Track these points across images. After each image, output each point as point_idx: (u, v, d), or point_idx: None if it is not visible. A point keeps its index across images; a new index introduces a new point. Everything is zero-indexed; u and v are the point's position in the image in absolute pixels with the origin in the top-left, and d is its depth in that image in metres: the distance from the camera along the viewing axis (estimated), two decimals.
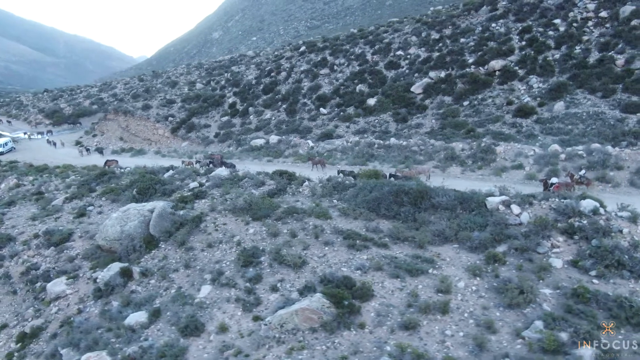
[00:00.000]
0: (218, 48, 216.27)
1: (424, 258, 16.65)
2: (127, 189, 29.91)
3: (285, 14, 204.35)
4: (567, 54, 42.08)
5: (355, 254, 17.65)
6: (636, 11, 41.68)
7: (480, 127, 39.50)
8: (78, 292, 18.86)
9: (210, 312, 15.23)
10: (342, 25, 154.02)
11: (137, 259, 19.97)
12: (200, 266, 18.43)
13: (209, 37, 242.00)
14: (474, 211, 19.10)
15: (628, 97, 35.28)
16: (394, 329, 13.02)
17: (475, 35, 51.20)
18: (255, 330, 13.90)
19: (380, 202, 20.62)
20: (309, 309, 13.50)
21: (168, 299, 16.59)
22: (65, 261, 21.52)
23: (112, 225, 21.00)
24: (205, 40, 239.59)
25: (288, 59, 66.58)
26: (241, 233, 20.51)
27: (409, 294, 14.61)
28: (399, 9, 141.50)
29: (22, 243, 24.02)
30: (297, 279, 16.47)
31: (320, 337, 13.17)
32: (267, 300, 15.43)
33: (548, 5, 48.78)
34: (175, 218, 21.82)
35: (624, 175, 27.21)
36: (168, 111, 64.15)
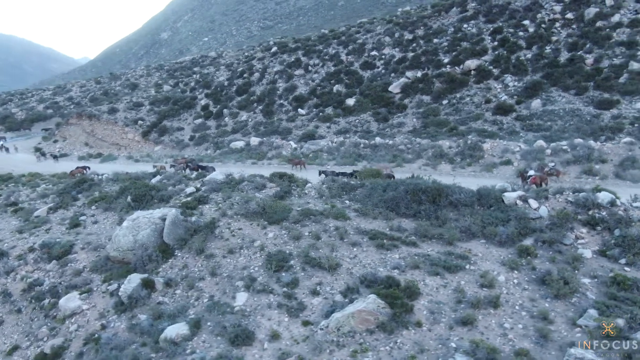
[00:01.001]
0: (167, 49, 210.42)
1: (457, 254, 16.99)
2: (118, 196, 28.61)
3: (237, 15, 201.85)
4: (539, 53, 44.16)
5: (386, 254, 17.75)
6: (600, 13, 44.31)
7: (462, 125, 40.74)
8: (96, 307, 17.86)
9: (254, 319, 14.86)
10: (295, 26, 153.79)
11: (155, 269, 19.13)
12: (227, 273, 17.92)
13: (157, 38, 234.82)
14: (492, 207, 19.68)
15: (600, 94, 37.48)
16: (452, 326, 13.22)
17: (448, 35, 52.72)
18: (310, 335, 13.71)
19: (398, 201, 20.81)
20: (365, 311, 13.46)
21: (202, 309, 16.03)
22: (72, 275, 20.30)
23: (124, 235, 20.03)
24: (154, 41, 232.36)
25: (260, 60, 65.87)
26: (261, 237, 20.13)
27: (455, 290, 14.88)
28: (351, 9, 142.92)
29: (16, 258, 22.42)
30: (335, 281, 16.37)
31: (379, 338, 13.17)
32: (311, 304, 15.24)
33: (516, 7, 50.95)
34: (188, 225, 21.16)
35: (609, 168, 28.93)
36: (136, 114, 61.84)
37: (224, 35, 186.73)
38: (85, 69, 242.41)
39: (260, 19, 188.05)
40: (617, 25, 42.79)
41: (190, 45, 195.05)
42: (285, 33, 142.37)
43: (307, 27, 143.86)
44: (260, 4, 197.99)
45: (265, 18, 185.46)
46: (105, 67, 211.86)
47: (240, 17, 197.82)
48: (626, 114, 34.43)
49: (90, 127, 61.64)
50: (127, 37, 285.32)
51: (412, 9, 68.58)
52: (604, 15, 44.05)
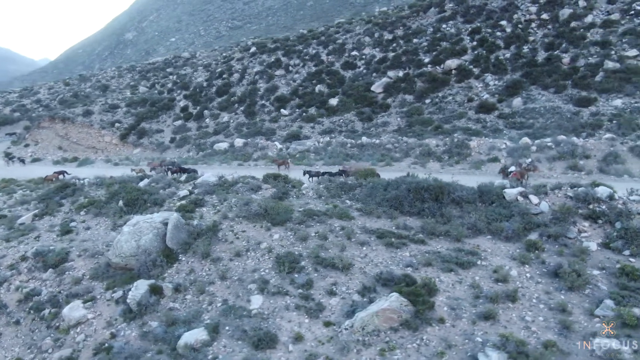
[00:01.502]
0: (133, 50, 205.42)
1: (467, 251, 17.33)
2: (109, 201, 27.83)
3: (204, 15, 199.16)
4: (517, 53, 45.44)
5: (396, 252, 17.93)
6: (573, 14, 45.96)
7: (446, 124, 41.50)
8: (102, 316, 17.32)
9: (273, 322, 14.74)
10: (265, 26, 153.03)
11: (160, 274, 18.72)
12: (238, 276, 17.70)
13: (121, 38, 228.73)
14: (494, 203, 20.15)
15: (578, 92, 38.87)
16: (475, 321, 13.47)
17: (428, 35, 53.59)
18: (333, 335, 13.71)
19: (402, 199, 21.05)
20: (389, 309, 13.55)
21: (217, 314, 15.78)
22: (71, 284, 19.61)
23: (127, 240, 19.49)
24: (118, 42, 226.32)
25: (239, 60, 65.24)
26: (266, 239, 19.99)
27: (471, 286, 15.17)
28: (320, 9, 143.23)
29: (8, 267, 21.50)
30: (350, 281, 16.42)
31: (404, 335, 13.29)
32: (329, 305, 15.24)
33: (492, 7, 52.24)
34: (190, 229, 20.83)
35: (593, 164, 30.04)
36: (113, 117, 60.21)
37: (191, 36, 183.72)
38: (46, 71, 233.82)
39: (228, 19, 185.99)
40: (591, 25, 44.53)
41: (157, 45, 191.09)
42: (254, 33, 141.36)
43: (276, 27, 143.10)
44: (228, 3, 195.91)
45: (233, 18, 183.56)
46: (67, 69, 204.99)
47: (208, 17, 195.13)
48: (604, 111, 35.84)
49: (64, 131, 59.63)
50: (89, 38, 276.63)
51: (390, 9, 69.35)
52: (578, 15, 45.77)
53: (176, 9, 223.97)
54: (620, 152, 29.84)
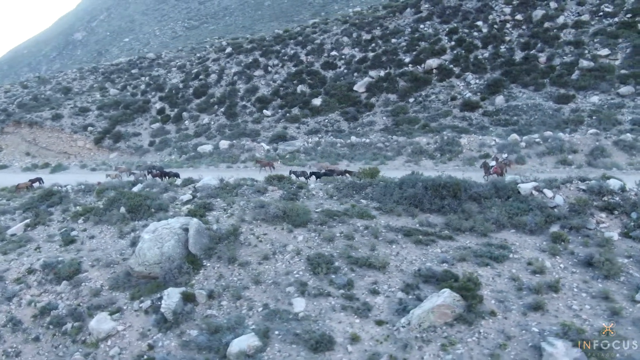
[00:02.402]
0: (83, 50, 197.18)
1: (497, 245, 17.86)
2: (108, 208, 26.74)
3: (158, 14, 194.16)
4: (495, 52, 47.06)
5: (427, 249, 18.26)
6: (546, 15, 48.06)
7: (432, 122, 42.45)
8: (132, 327, 16.69)
9: (323, 324, 14.68)
10: (223, 26, 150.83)
11: (188, 281, 18.24)
12: (272, 280, 17.50)
13: (70, 39, 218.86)
14: (510, 198, 20.85)
15: (557, 90, 40.72)
16: (525, 312, 13.93)
17: (406, 36, 54.56)
18: (390, 334, 13.84)
19: (421, 197, 21.41)
20: (444, 305, 13.81)
21: (260, 319, 15.56)
22: (90, 295, 18.77)
23: (150, 248, 18.84)
24: (67, 42, 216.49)
25: (215, 61, 64.09)
26: (291, 241, 19.89)
27: (510, 279, 15.67)
28: (278, 9, 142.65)
29: (15, 281, 20.31)
30: (389, 279, 16.59)
31: (461, 330, 13.58)
32: (376, 304, 15.33)
33: (468, 8, 53.84)
34: (211, 233, 20.43)
35: (581, 158, 31.56)
36: (84, 120, 57.73)
37: (146, 36, 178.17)
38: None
39: (184, 18, 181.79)
40: (563, 26, 46.73)
41: (110, 46, 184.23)
42: (213, 33, 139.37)
43: (235, 27, 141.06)
44: (183, 3, 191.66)
45: (189, 18, 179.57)
46: (12, 70, 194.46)
47: (162, 17, 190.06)
48: (583, 107, 37.74)
49: (32, 136, 56.65)
50: (35, 38, 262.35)
51: (364, 9, 70.09)
52: (550, 16, 47.92)
53: (128, 8, 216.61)
54: (605, 146, 31.50)
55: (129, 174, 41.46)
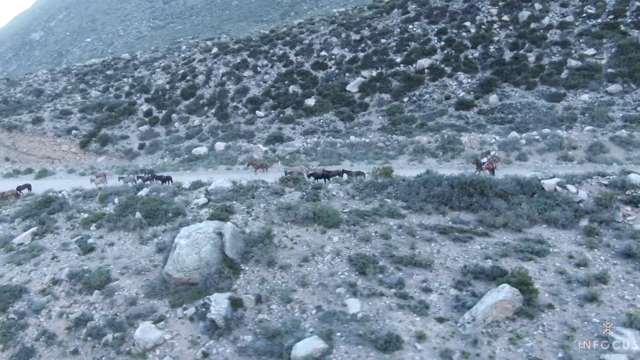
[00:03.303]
0: (42, 51, 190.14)
1: (534, 240, 18.35)
2: (122, 214, 25.94)
3: (121, 13, 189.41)
4: (485, 52, 48.24)
5: (466, 246, 18.61)
6: (532, 16, 49.64)
7: (429, 121, 43.13)
8: (180, 335, 16.30)
9: (384, 324, 14.76)
10: (190, 26, 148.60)
11: (230, 286, 17.97)
12: (318, 282, 17.45)
13: (27, 39, 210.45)
14: (535, 194, 21.46)
15: (548, 89, 42.12)
16: (581, 303, 14.40)
17: (395, 36, 55.19)
18: (455, 330, 14.05)
19: (450, 195, 21.77)
20: (505, 300, 14.13)
21: (316, 321, 15.50)
22: (126, 305, 18.19)
23: (188, 253, 18.42)
24: (23, 42, 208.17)
25: (201, 62, 63.04)
26: (327, 243, 19.89)
27: (557, 272, 16.15)
28: (247, 9, 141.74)
29: (40, 293, 19.52)
30: (438, 277, 16.82)
31: (524, 323, 13.94)
32: (432, 302, 15.52)
33: (454, 9, 54.95)
34: (245, 237, 20.20)
35: (581, 154, 32.73)
36: (67, 123, 55.68)
37: (109, 36, 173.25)
38: None
39: (149, 18, 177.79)
40: (549, 26, 48.36)
41: (71, 46, 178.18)
42: (180, 33, 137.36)
43: (203, 27, 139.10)
44: (147, 2, 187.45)
45: (154, 18, 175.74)
46: None
47: (125, 17, 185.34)
48: (575, 105, 39.20)
49: (11, 140, 54.20)
50: None
51: (349, 9, 70.50)
52: (536, 17, 49.51)
53: (88, 8, 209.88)
54: (603, 142, 32.81)
55: (105, 179, 40.22)
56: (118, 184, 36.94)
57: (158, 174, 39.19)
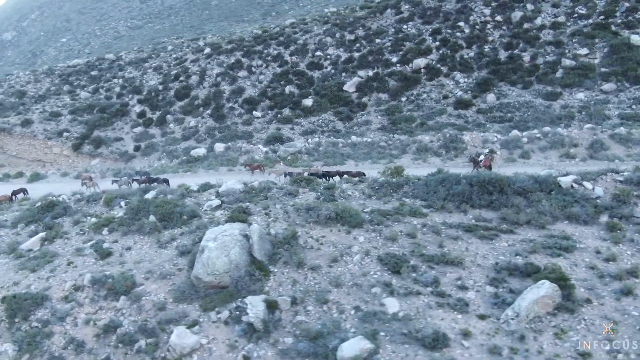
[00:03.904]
0: (15, 51, 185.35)
1: (559, 236, 18.72)
2: (134, 217, 25.48)
3: (97, 13, 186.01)
4: (480, 52, 48.95)
5: (493, 243, 18.87)
6: (524, 16, 50.57)
7: (429, 120, 43.56)
8: (217, 339, 16.11)
9: (425, 322, 14.87)
10: (169, 26, 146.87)
11: (261, 288, 17.86)
12: (351, 282, 17.49)
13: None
14: (553, 191, 21.90)
15: (544, 87, 43.00)
16: (618, 297, 14.77)
17: (390, 36, 55.54)
18: (499, 327, 14.25)
19: (470, 194, 22.04)
20: (546, 296, 14.39)
21: (357, 321, 15.53)
22: (155, 310, 17.89)
23: (217, 256, 18.23)
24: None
25: (194, 62, 62.33)
26: (353, 243, 19.94)
27: (588, 267, 16.53)
28: (227, 9, 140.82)
29: (62, 300, 19.04)
30: (471, 274, 17.02)
31: (565, 318, 14.22)
32: (470, 299, 15.70)
33: (448, 9, 55.60)
34: (271, 239, 20.12)
35: (583, 151, 33.53)
36: (58, 126, 54.39)
37: (85, 36, 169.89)
38: None
39: (126, 18, 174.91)
40: (542, 27, 49.37)
41: (45, 47, 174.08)
42: (159, 33, 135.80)
43: (182, 27, 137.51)
44: (123, 2, 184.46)
45: (132, 17, 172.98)
46: None
47: (102, 16, 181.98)
48: (572, 104, 40.11)
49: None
50: None
51: (340, 9, 70.62)
52: (528, 18, 50.47)
53: (62, 7, 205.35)
54: (603, 139, 33.65)
55: (92, 182, 39.64)
56: (112, 187, 36.25)
57: (154, 177, 38.49)
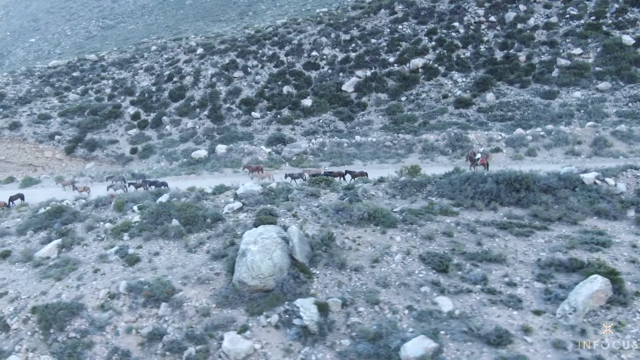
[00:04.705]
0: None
1: (594, 232, 19.22)
2: (156, 222, 24.99)
3: (66, 12, 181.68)
4: (476, 52, 49.78)
5: (530, 240, 19.20)
6: (517, 17, 51.69)
7: (431, 119, 44.07)
8: (270, 344, 15.96)
9: (483, 319, 15.05)
10: (143, 26, 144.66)
11: (307, 291, 17.78)
12: (397, 282, 17.56)
13: None
14: (577, 188, 22.47)
15: (541, 86, 44.05)
16: None
17: (386, 36, 55.93)
18: (557, 322, 14.54)
19: (499, 191, 22.41)
20: (600, 290, 14.77)
21: (412, 321, 15.61)
22: (199, 315, 17.60)
23: (262, 260, 18.04)
24: None
25: (187, 62, 61.38)
26: (391, 242, 20.03)
27: (629, 261, 17.01)
28: (202, 8, 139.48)
29: (99, 308, 18.51)
30: (515, 271, 17.31)
31: (620, 311, 14.61)
32: (521, 295, 15.96)
33: (441, 10, 56.34)
34: (309, 240, 20.03)
35: (587, 148, 34.49)
36: (48, 128, 52.77)
37: (55, 36, 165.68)
38: None
39: (97, 17, 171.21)
40: (535, 27, 50.54)
41: (12, 47, 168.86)
42: (133, 33, 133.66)
43: (157, 27, 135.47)
44: (94, 1, 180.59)
45: (104, 17, 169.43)
46: None
47: (71, 16, 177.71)
48: (570, 102, 41.20)
49: None
50: None
51: (332, 9, 70.69)
52: (522, 18, 51.59)
53: (29, 7, 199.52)
54: (605, 137, 34.68)
55: (73, 187, 39.06)
56: (107, 192, 35.46)
57: (152, 180, 37.70)
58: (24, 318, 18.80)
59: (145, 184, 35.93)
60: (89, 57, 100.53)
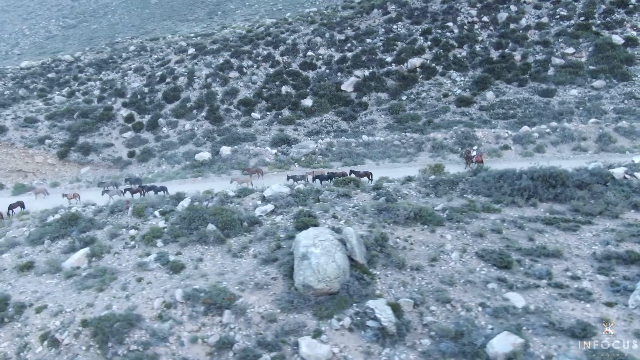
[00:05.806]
0: None
1: (637, 224, 20.03)
2: (190, 227, 24.39)
3: (22, 11, 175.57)
4: (472, 52, 50.82)
5: (578, 235, 19.83)
6: (509, 17, 53.07)
7: (435, 118, 44.69)
8: (348, 348, 15.85)
9: (558, 313, 15.45)
10: (107, 25, 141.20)
11: (373, 292, 17.79)
12: (463, 279, 17.79)
13: None
14: (608, 183, 23.34)
15: (538, 85, 45.38)
16: None
17: (381, 36, 56.32)
18: (631, 313, 15.06)
19: (536, 188, 23.01)
20: None
21: (489, 317, 15.85)
22: (265, 322, 17.30)
23: (327, 262, 17.90)
24: None
25: (179, 63, 59.99)
26: (443, 241, 20.28)
27: None
28: (169, 7, 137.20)
29: (157, 319, 17.92)
30: (575, 265, 17.84)
31: None
32: (589, 288, 16.45)
33: (434, 10, 57.22)
34: (365, 241, 20.05)
35: (593, 144, 35.79)
36: (36, 132, 50.52)
37: (13, 36, 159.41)
38: None
39: (57, 16, 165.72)
40: (527, 27, 52.02)
41: None
42: (96, 32, 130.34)
43: (122, 26, 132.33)
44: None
45: (64, 16, 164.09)
46: None
47: (29, 15, 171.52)
48: (569, 100, 42.65)
49: None
50: None
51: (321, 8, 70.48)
52: (514, 19, 53.01)
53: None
54: (609, 132, 36.09)
55: (45, 194, 38.34)
56: (102, 198, 34.48)
57: (150, 184, 36.73)
58: (74, 332, 18.04)
59: (143, 189, 34.92)
60: (64, 57, 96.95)
